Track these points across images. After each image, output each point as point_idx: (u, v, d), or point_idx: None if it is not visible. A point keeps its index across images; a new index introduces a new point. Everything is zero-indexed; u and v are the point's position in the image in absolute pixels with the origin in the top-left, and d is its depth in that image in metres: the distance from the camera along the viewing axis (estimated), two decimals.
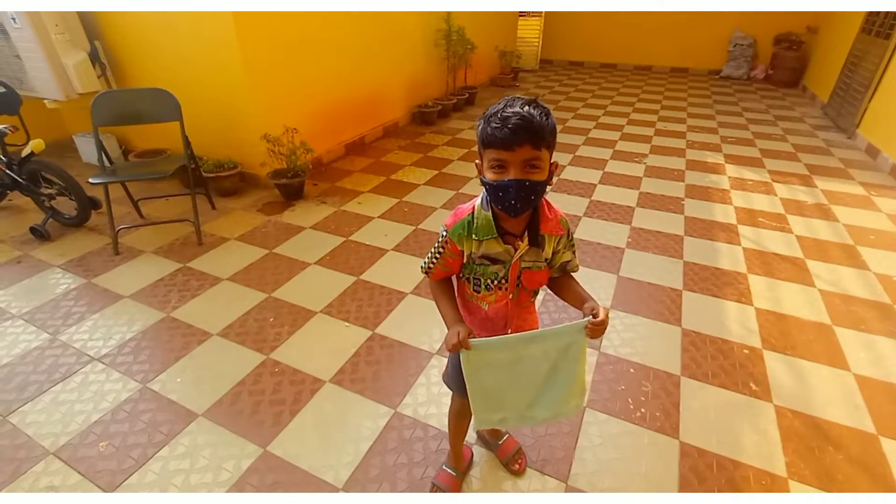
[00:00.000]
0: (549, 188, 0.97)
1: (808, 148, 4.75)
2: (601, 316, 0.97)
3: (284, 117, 3.47)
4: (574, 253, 1.13)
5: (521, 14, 8.26)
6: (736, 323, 2.26)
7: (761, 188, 3.79)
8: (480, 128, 0.91)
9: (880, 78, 4.60)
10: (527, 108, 0.86)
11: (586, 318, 0.99)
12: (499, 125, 0.86)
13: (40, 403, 1.78)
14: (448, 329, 1.06)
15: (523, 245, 1.01)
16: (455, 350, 1.02)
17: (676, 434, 1.69)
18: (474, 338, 1.03)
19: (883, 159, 4.21)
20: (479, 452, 1.63)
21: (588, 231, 3.09)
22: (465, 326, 1.04)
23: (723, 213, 3.35)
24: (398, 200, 3.51)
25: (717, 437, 1.68)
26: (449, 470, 1.52)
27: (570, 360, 1.05)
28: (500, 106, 0.89)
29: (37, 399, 1.80)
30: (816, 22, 7.18)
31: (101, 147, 2.74)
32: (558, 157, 4.34)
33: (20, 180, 2.86)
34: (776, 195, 3.66)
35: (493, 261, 1.04)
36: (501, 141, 0.86)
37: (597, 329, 0.98)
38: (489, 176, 0.92)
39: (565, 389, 1.08)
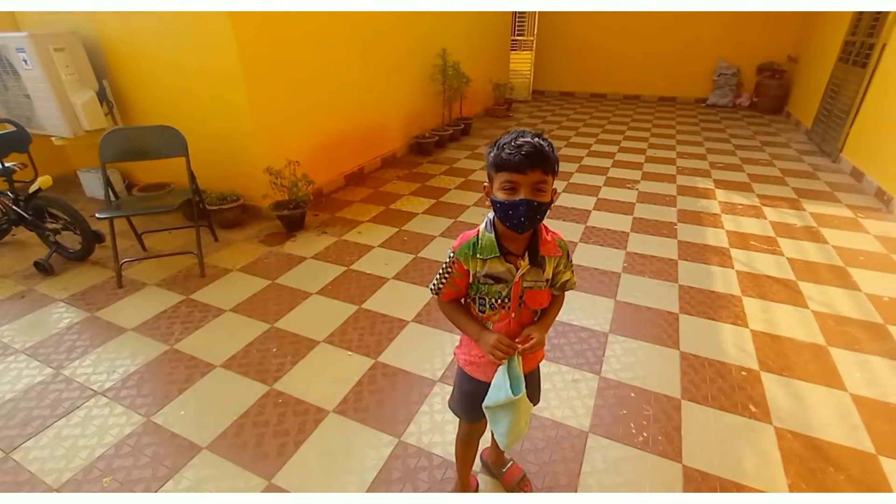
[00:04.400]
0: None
1: (794, 172, 4.89)
2: (531, 341, 1.11)
3: (287, 150, 3.57)
4: (572, 272, 1.21)
5: (514, 48, 8.57)
6: (732, 345, 2.29)
7: (751, 212, 3.89)
8: (493, 154, 1.03)
9: (860, 104, 4.79)
10: (536, 139, 0.99)
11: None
12: (513, 152, 0.97)
13: (44, 439, 1.78)
14: (481, 342, 1.14)
15: (524, 264, 1.08)
16: (509, 354, 1.10)
17: (679, 458, 1.70)
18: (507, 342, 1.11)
19: (867, 182, 4.34)
20: (483, 481, 1.63)
21: (584, 256, 3.15)
22: (498, 334, 1.12)
23: (715, 237, 3.43)
24: (397, 229, 3.58)
25: (720, 460, 1.70)
26: None
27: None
28: (513, 136, 1.01)
29: (40, 434, 1.80)
30: (797, 51, 7.49)
31: (108, 183, 2.81)
32: None
33: (26, 216, 2.91)
34: (766, 218, 3.76)
35: (497, 280, 1.11)
36: (515, 165, 0.97)
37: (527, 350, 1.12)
38: (500, 196, 1.01)
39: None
